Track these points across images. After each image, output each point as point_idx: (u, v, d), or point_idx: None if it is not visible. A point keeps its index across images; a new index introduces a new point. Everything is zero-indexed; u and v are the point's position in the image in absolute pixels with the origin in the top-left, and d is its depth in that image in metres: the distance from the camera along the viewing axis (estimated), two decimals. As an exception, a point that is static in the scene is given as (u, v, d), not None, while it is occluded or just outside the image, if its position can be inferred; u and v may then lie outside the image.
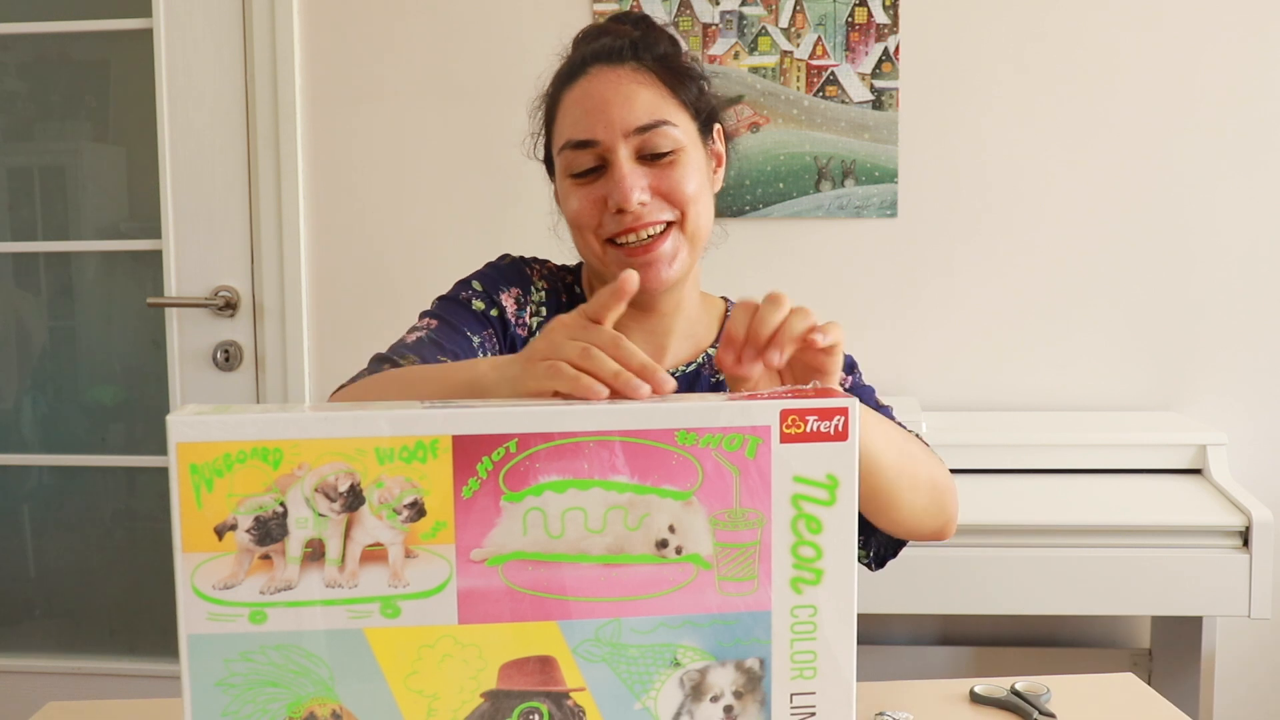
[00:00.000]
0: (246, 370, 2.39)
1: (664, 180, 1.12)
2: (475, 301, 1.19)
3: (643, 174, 1.11)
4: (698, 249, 1.17)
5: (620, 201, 1.10)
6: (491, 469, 0.64)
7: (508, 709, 0.66)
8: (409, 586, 0.64)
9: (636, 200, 1.10)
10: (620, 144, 1.11)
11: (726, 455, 0.66)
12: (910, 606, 1.86)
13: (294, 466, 0.62)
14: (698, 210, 1.14)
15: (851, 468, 0.66)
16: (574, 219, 1.15)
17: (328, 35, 2.31)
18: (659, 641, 0.66)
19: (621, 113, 1.11)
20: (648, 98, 1.12)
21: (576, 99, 1.14)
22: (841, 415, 0.66)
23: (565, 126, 1.14)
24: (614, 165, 1.11)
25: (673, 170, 1.12)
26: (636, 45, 1.15)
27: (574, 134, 1.13)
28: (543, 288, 1.23)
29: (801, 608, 0.67)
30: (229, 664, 0.63)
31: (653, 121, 1.11)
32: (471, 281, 1.21)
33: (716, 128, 1.21)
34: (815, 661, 0.68)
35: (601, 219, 1.12)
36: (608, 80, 1.13)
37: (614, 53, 1.14)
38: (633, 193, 1.10)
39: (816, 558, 0.67)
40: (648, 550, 0.66)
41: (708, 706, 0.67)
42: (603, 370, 0.70)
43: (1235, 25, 2.18)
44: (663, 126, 1.12)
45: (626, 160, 1.11)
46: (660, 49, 1.16)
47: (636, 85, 1.13)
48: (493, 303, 1.19)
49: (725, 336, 0.85)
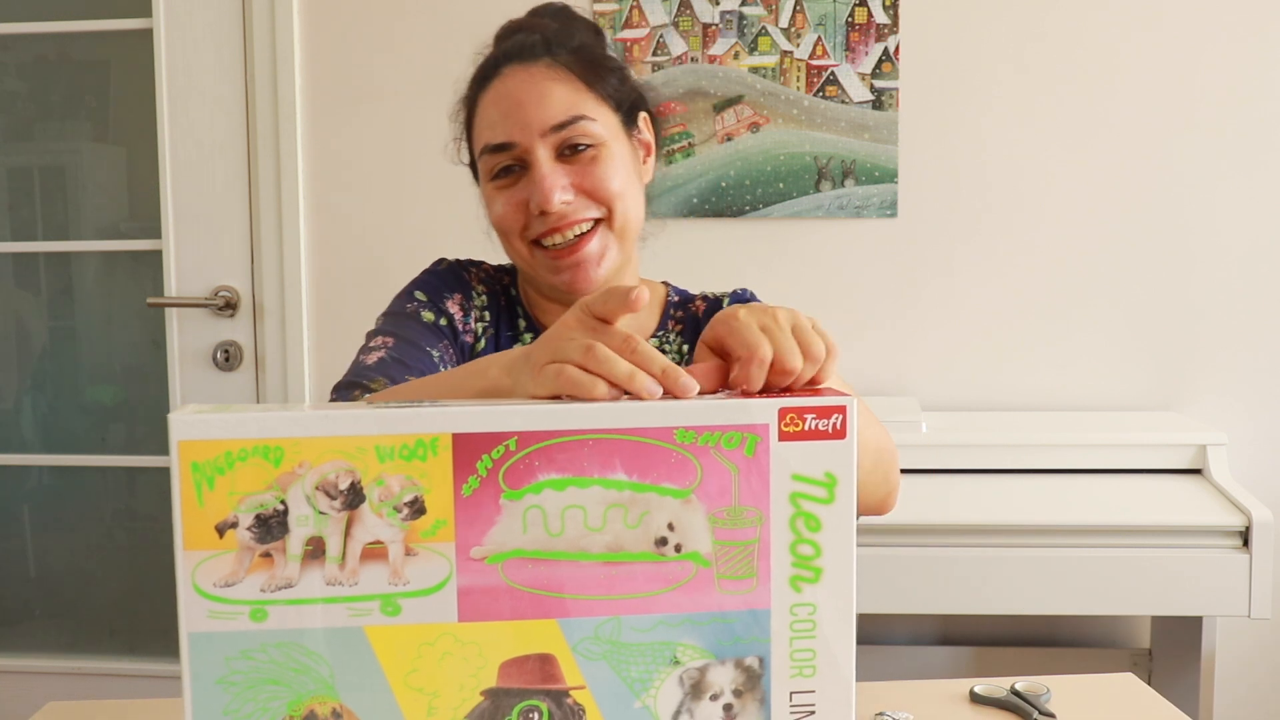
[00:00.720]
0: (246, 370, 2.39)
1: (587, 177, 1.10)
2: (424, 313, 1.16)
3: (564, 172, 1.09)
4: (628, 244, 1.14)
5: (541, 203, 1.08)
6: (491, 467, 0.64)
7: (508, 707, 0.66)
8: (409, 584, 0.64)
9: (558, 200, 1.08)
10: (538, 144, 1.09)
11: (725, 453, 0.66)
12: (910, 606, 1.86)
13: (295, 465, 0.62)
14: (625, 205, 1.11)
15: (850, 466, 0.66)
16: (498, 224, 1.13)
17: (328, 35, 2.31)
18: (659, 640, 0.66)
19: (537, 112, 1.09)
20: (562, 94, 1.10)
21: (492, 101, 1.12)
22: (840, 414, 0.66)
23: (483, 129, 1.13)
24: (533, 166, 1.09)
25: (595, 166, 1.10)
26: (550, 41, 1.13)
27: (491, 137, 1.11)
28: (483, 292, 1.21)
29: (801, 606, 0.67)
30: (230, 662, 0.63)
31: (569, 118, 1.09)
32: (414, 292, 1.18)
33: (643, 116, 1.19)
34: (815, 660, 0.68)
35: (526, 221, 1.11)
36: (521, 80, 1.11)
37: (527, 50, 1.12)
38: (553, 193, 1.08)
39: (815, 556, 0.67)
40: (647, 548, 0.66)
41: (707, 705, 0.67)
42: (614, 372, 0.67)
43: (1235, 25, 2.18)
44: (580, 122, 1.10)
45: (546, 160, 1.09)
46: (577, 41, 1.14)
47: (551, 82, 1.11)
48: (440, 311, 1.16)
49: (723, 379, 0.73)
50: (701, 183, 2.27)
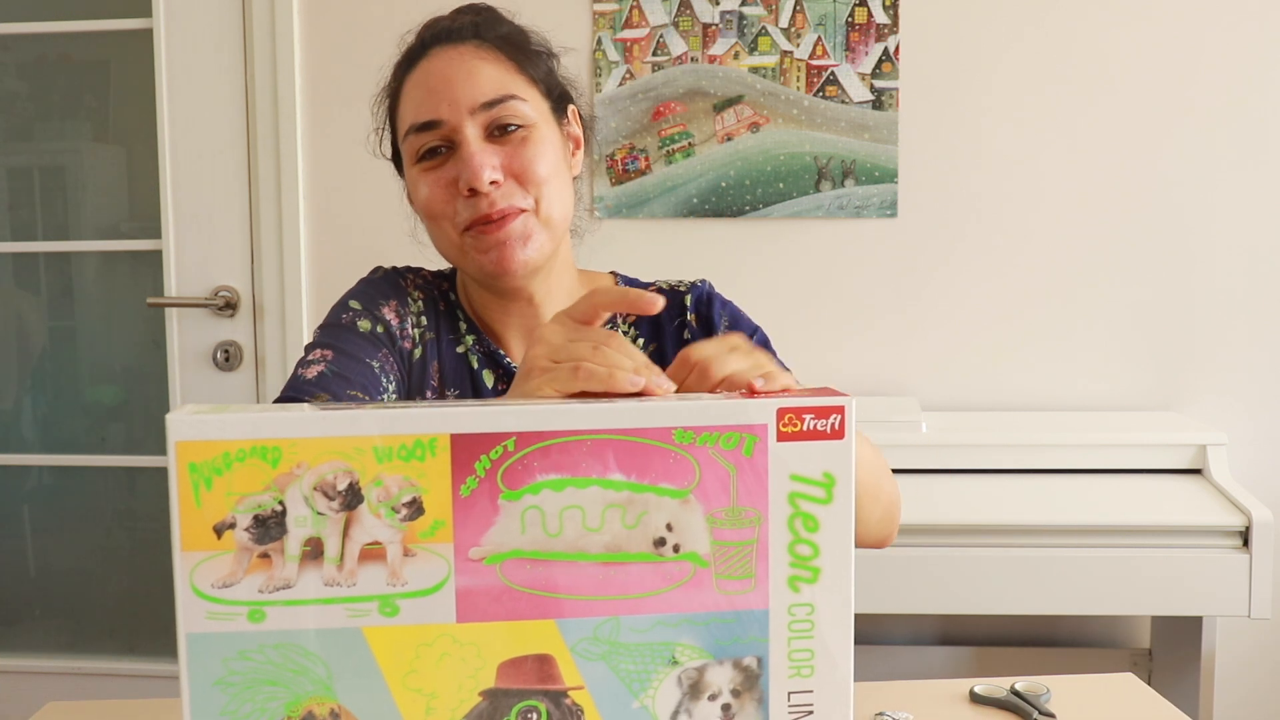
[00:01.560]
0: (246, 370, 2.39)
1: (515, 159, 1.07)
2: (360, 322, 1.12)
3: (493, 152, 1.06)
4: (556, 234, 1.11)
5: (470, 180, 1.05)
6: (490, 467, 0.64)
7: (506, 707, 0.66)
8: (407, 585, 0.64)
9: (488, 179, 1.05)
10: (466, 121, 1.06)
11: (724, 454, 0.66)
12: (910, 606, 1.86)
13: (293, 465, 0.62)
14: (551, 192, 1.08)
15: (848, 466, 0.66)
16: (426, 207, 1.10)
17: (328, 35, 2.31)
18: (657, 640, 0.66)
19: (466, 89, 1.06)
20: (492, 73, 1.08)
21: (418, 81, 1.10)
22: (838, 414, 0.66)
23: (408, 110, 1.10)
24: (462, 144, 1.06)
25: (524, 148, 1.07)
26: (478, 26, 1.11)
27: (417, 116, 1.08)
28: (419, 297, 1.18)
29: (799, 606, 0.67)
30: (227, 663, 0.63)
31: (499, 96, 1.07)
32: (348, 302, 1.15)
33: (571, 109, 1.17)
34: (813, 660, 0.68)
35: (456, 205, 1.07)
36: (449, 58, 1.09)
37: (455, 32, 1.11)
38: (483, 170, 1.04)
39: (814, 556, 0.67)
40: (645, 549, 0.66)
41: (705, 705, 0.67)
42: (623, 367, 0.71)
43: (1235, 25, 2.18)
44: (510, 101, 1.07)
45: (475, 138, 1.06)
46: (505, 28, 1.13)
47: (480, 61, 1.08)
48: (376, 319, 1.13)
49: None
50: (701, 183, 2.26)
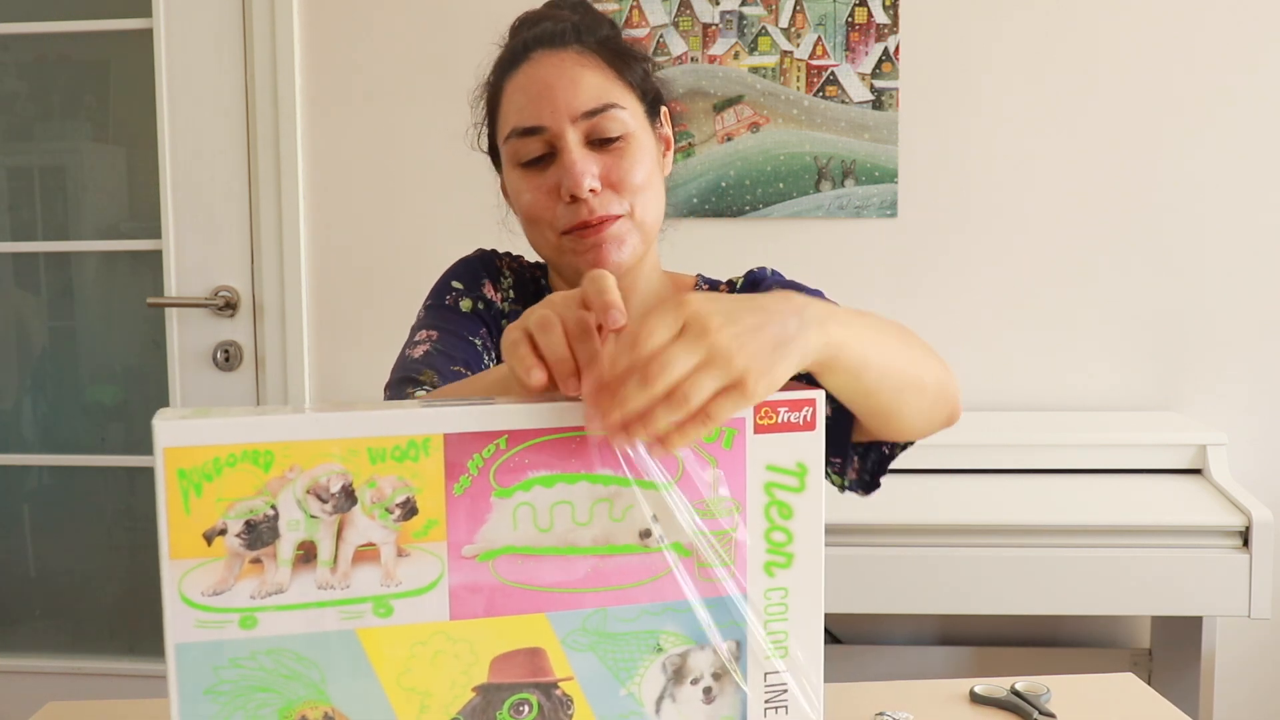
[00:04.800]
0: (246, 370, 2.39)
1: (614, 169, 1.09)
2: (462, 301, 1.17)
3: (593, 160, 1.08)
4: (649, 237, 1.14)
5: (572, 188, 1.07)
6: (482, 466, 0.64)
7: (498, 702, 0.66)
8: (401, 585, 0.64)
9: (588, 187, 1.07)
10: (568, 128, 1.08)
11: (705, 446, 0.68)
12: (910, 606, 1.86)
13: (285, 469, 0.62)
14: (646, 198, 1.11)
15: (819, 455, 0.70)
16: (528, 212, 1.12)
17: (328, 35, 2.31)
18: (642, 629, 0.68)
19: (568, 96, 1.08)
20: (594, 80, 1.09)
21: (520, 85, 1.11)
22: (810, 406, 0.69)
23: (510, 113, 1.11)
24: (564, 151, 1.08)
25: (623, 159, 1.09)
26: (579, 28, 1.12)
27: (520, 120, 1.10)
28: (509, 276, 1.22)
29: (774, 590, 0.70)
30: (218, 671, 0.62)
31: (601, 105, 1.08)
32: (450, 282, 1.19)
33: (663, 110, 1.18)
34: (787, 641, 0.71)
35: (556, 210, 1.09)
36: (551, 64, 1.10)
37: (556, 36, 1.11)
38: (584, 179, 1.06)
39: (788, 542, 0.70)
40: (632, 540, 0.67)
41: (689, 688, 0.70)
42: (549, 348, 0.66)
43: (1235, 25, 2.18)
44: (611, 110, 1.09)
45: (576, 145, 1.08)
46: (603, 31, 1.13)
47: (581, 68, 1.09)
48: (479, 296, 1.18)
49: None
50: (701, 183, 2.26)
